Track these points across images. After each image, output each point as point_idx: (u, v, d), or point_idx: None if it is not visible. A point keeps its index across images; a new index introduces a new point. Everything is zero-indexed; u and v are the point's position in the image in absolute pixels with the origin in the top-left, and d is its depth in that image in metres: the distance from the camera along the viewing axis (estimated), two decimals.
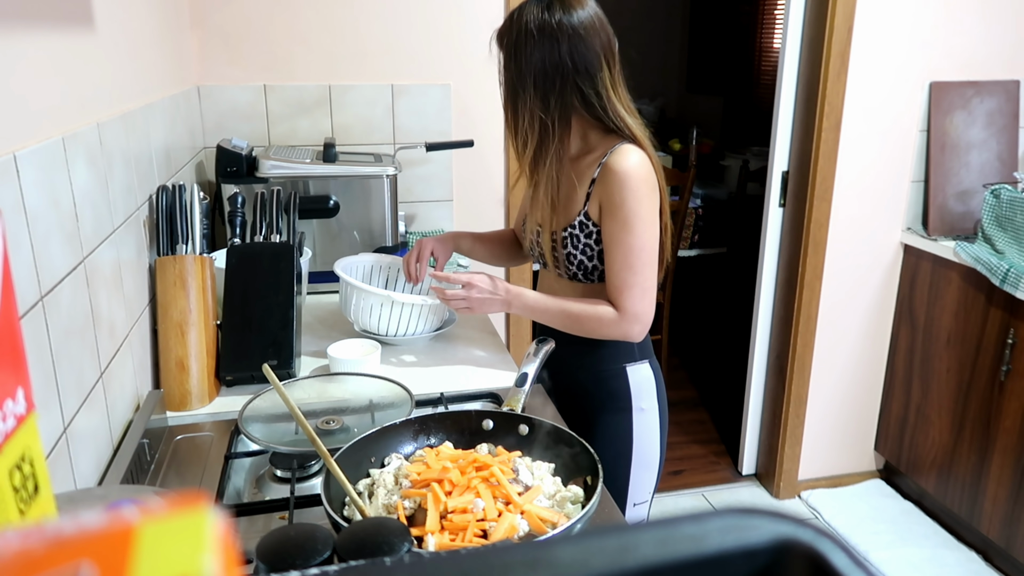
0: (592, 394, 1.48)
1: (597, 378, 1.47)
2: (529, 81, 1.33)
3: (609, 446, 1.45)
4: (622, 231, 1.34)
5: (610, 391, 1.46)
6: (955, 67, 2.51)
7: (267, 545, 0.77)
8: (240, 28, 2.08)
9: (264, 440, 1.15)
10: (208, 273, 1.45)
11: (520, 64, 1.33)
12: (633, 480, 1.48)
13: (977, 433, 2.41)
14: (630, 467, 1.47)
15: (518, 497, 0.91)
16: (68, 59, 1.09)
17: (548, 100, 1.33)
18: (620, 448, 1.46)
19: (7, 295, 0.36)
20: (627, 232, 1.34)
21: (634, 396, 1.46)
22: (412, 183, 2.27)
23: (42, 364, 0.91)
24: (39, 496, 0.39)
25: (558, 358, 1.46)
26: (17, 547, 0.21)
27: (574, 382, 1.49)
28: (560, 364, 1.49)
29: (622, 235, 1.34)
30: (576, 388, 1.49)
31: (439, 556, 0.26)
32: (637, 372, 1.47)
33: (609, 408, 1.47)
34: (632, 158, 1.34)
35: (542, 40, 1.31)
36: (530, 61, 1.32)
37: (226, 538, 0.22)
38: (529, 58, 1.32)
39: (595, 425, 1.47)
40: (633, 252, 1.34)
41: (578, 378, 1.48)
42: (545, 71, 1.32)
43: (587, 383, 1.48)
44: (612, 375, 1.46)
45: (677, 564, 0.26)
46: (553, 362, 1.48)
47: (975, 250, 2.33)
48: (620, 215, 1.33)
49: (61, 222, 0.99)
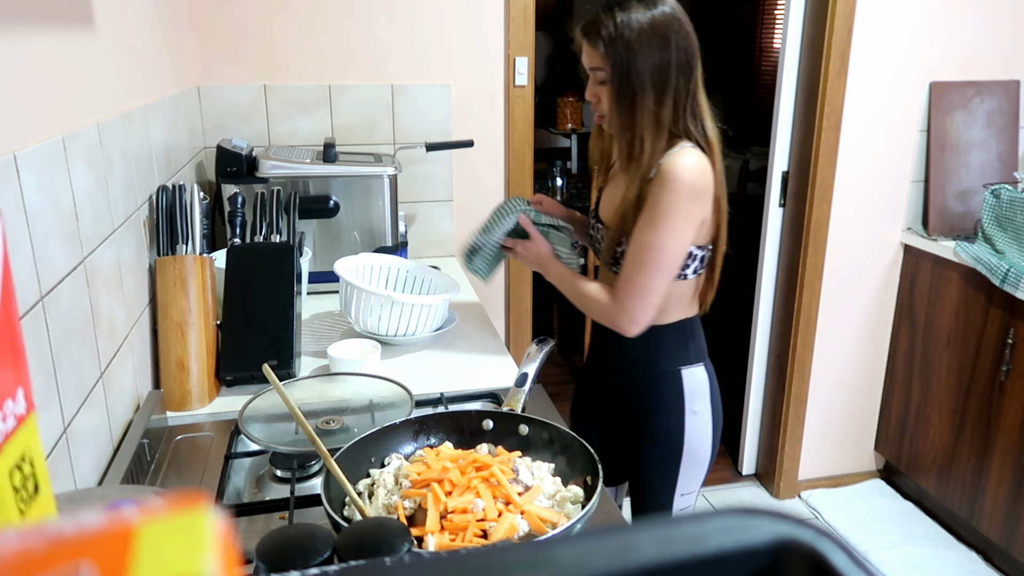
0: (646, 394, 1.48)
1: (651, 379, 1.47)
2: (647, 79, 1.30)
3: (660, 445, 1.48)
4: (646, 226, 1.33)
5: (663, 392, 1.47)
6: (955, 67, 2.51)
7: (267, 545, 0.77)
8: (240, 28, 2.08)
9: (264, 440, 1.15)
10: (208, 273, 1.45)
11: (636, 63, 1.30)
12: (682, 475, 1.49)
13: (977, 433, 2.41)
14: (680, 464, 1.48)
15: (518, 497, 0.91)
16: (68, 59, 1.09)
17: (663, 98, 1.32)
18: (671, 448, 1.48)
19: (7, 295, 0.36)
20: (651, 229, 1.33)
21: (687, 399, 1.46)
22: (412, 183, 2.27)
23: (42, 364, 0.91)
24: (39, 496, 0.39)
25: (614, 357, 1.51)
26: (17, 547, 0.21)
27: (628, 381, 1.50)
28: (616, 363, 1.51)
29: (645, 229, 1.34)
30: (630, 387, 1.50)
31: (439, 556, 0.26)
32: (692, 375, 1.47)
33: (662, 409, 1.47)
34: (686, 160, 1.32)
35: (655, 36, 1.30)
36: (648, 58, 1.30)
37: (226, 538, 0.22)
38: (647, 56, 1.30)
39: (647, 425, 1.48)
40: (648, 250, 1.33)
41: (633, 377, 1.49)
42: (661, 68, 1.30)
43: (641, 383, 1.48)
44: (666, 377, 1.46)
45: (677, 564, 0.26)
46: (609, 361, 1.53)
47: (975, 250, 2.33)
48: (651, 212, 1.33)
49: (61, 222, 0.99)
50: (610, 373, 1.54)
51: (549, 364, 1.16)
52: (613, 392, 1.54)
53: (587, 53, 1.36)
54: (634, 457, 1.53)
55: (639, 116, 1.33)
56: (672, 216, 1.32)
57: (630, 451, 1.53)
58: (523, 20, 2.23)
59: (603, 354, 1.56)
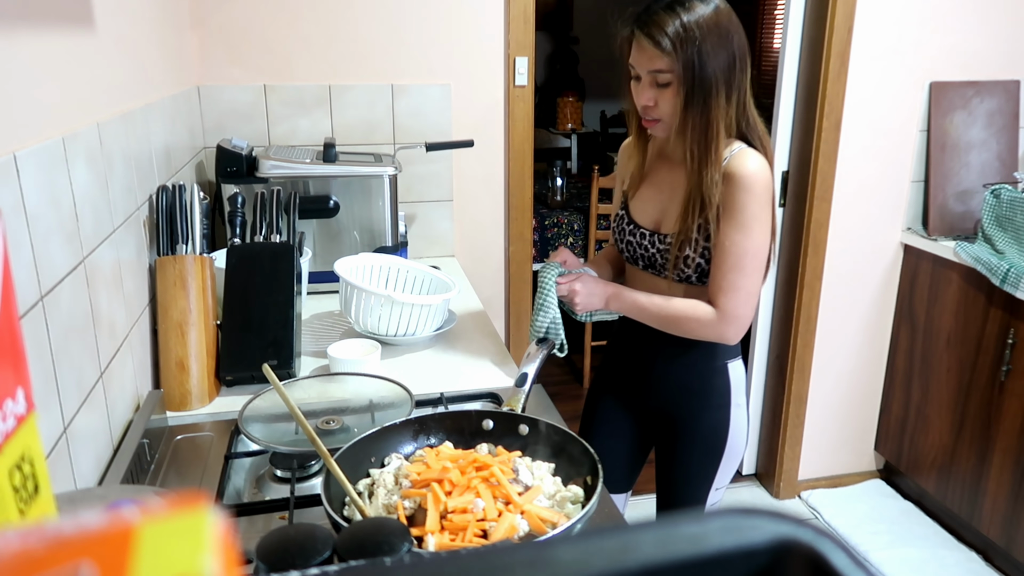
0: (694, 391, 1.48)
1: (699, 375, 1.47)
2: (721, 78, 1.28)
3: (703, 441, 1.49)
4: (738, 233, 1.33)
5: (712, 388, 1.47)
6: (955, 67, 2.51)
7: (267, 545, 0.77)
8: (240, 28, 2.08)
9: (264, 440, 1.15)
10: (208, 273, 1.45)
11: (709, 62, 1.27)
12: (721, 469, 1.50)
13: (977, 433, 2.41)
14: (721, 459, 1.49)
15: (518, 497, 0.91)
16: (68, 59, 1.09)
17: (731, 97, 1.31)
18: (714, 443, 1.48)
19: (7, 295, 0.36)
20: (743, 234, 1.32)
21: (733, 392, 1.48)
22: (412, 183, 2.27)
23: (42, 364, 0.91)
24: (39, 496, 0.39)
25: (649, 357, 1.50)
26: (17, 547, 0.21)
27: (675, 380, 1.49)
28: (651, 362, 1.50)
29: (737, 236, 1.33)
30: (677, 385, 1.49)
31: (439, 556, 0.26)
32: (736, 369, 1.48)
33: (709, 405, 1.47)
34: (754, 162, 1.32)
35: (721, 33, 1.28)
36: (717, 57, 1.27)
37: (226, 538, 0.22)
38: (717, 54, 1.27)
39: (693, 422, 1.48)
40: (747, 255, 1.33)
41: (679, 376, 1.48)
42: (730, 65, 1.29)
43: (689, 381, 1.48)
44: (713, 372, 1.47)
45: (677, 564, 0.26)
46: (643, 361, 1.51)
47: (975, 250, 2.33)
48: (739, 218, 1.32)
49: (61, 222, 0.99)
50: (644, 374, 1.52)
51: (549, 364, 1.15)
52: (649, 393, 1.53)
53: (647, 55, 1.29)
54: (672, 455, 1.53)
55: (714, 117, 1.30)
56: (760, 218, 1.33)
57: (668, 450, 1.53)
58: (523, 20, 2.23)
59: (634, 354, 1.54)
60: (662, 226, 1.44)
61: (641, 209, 1.48)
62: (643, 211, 1.48)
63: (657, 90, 1.32)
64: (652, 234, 1.44)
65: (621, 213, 1.53)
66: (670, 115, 1.33)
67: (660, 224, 1.44)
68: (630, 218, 1.49)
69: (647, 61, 1.30)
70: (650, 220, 1.46)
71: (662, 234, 1.42)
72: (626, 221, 1.50)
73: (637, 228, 1.47)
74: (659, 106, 1.33)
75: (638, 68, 1.32)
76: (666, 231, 1.42)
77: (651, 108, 1.34)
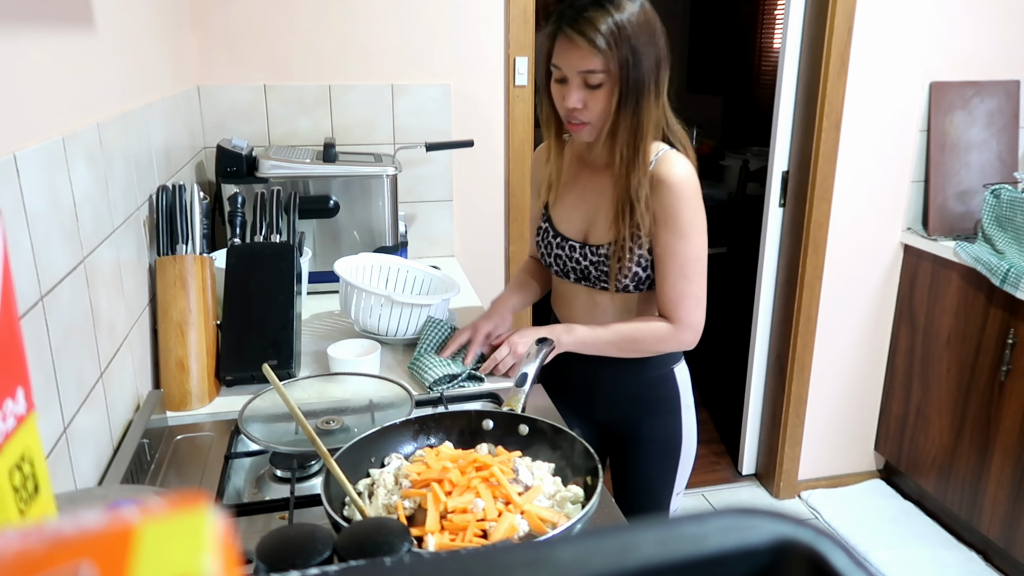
0: (643, 400, 1.46)
1: (647, 384, 1.45)
2: (651, 77, 1.25)
3: (659, 450, 1.47)
4: (678, 241, 1.30)
5: (661, 395, 1.45)
6: (955, 67, 2.51)
7: (267, 545, 0.77)
8: (240, 28, 2.08)
9: (264, 440, 1.15)
10: (208, 273, 1.45)
11: (641, 61, 1.23)
12: (679, 475, 1.50)
13: (977, 433, 2.41)
14: (678, 464, 1.48)
15: (518, 497, 0.91)
16: (68, 59, 1.09)
17: (660, 97, 1.28)
18: (670, 449, 1.47)
19: (7, 295, 0.36)
20: (683, 242, 1.30)
21: (682, 396, 1.46)
22: (412, 183, 2.27)
23: (42, 364, 0.91)
24: (39, 496, 0.39)
25: (602, 370, 1.45)
26: (17, 547, 0.21)
27: (623, 392, 1.47)
28: (605, 379, 1.46)
29: (678, 245, 1.30)
30: (625, 397, 1.47)
31: (439, 556, 0.26)
32: (682, 372, 1.47)
33: (659, 411, 1.46)
34: (682, 166, 1.30)
35: (650, 31, 1.24)
36: (648, 56, 1.24)
37: (226, 538, 0.22)
38: (647, 53, 1.23)
39: (647, 430, 1.46)
40: (689, 262, 1.31)
41: (627, 387, 1.46)
42: (658, 64, 1.26)
43: (637, 391, 1.46)
44: (661, 380, 1.45)
45: (677, 564, 0.26)
46: (596, 375, 1.47)
47: (975, 250, 2.33)
48: (676, 225, 1.29)
49: (61, 222, 0.99)
50: (589, 388, 1.49)
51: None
52: (596, 406, 1.51)
53: (578, 54, 1.23)
54: (628, 466, 1.51)
55: (644, 118, 1.27)
56: (696, 223, 1.31)
57: (622, 461, 1.52)
58: (523, 20, 2.23)
59: (576, 369, 1.48)
60: (590, 236, 1.39)
61: (565, 219, 1.43)
62: (567, 221, 1.42)
63: (587, 91, 1.25)
64: (582, 246, 1.39)
65: (544, 226, 1.46)
66: (600, 117, 1.28)
67: (587, 234, 1.40)
68: (555, 230, 1.44)
69: (578, 60, 1.23)
70: (576, 231, 1.41)
71: (592, 245, 1.38)
72: (551, 234, 1.44)
73: (564, 240, 1.42)
74: (588, 108, 1.26)
75: (565, 68, 1.25)
76: (595, 241, 1.38)
77: (579, 111, 1.27)
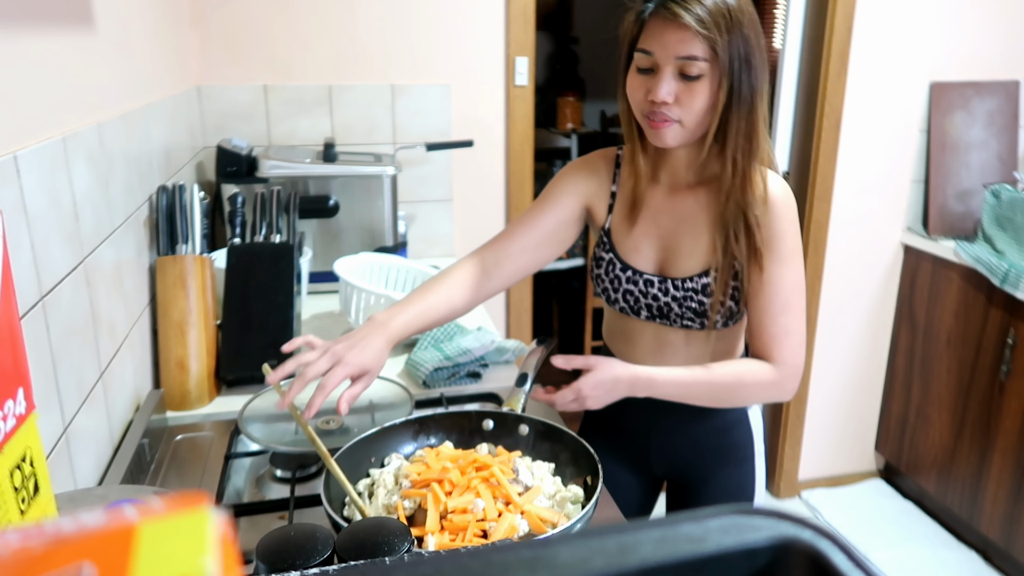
0: (713, 449, 1.27)
1: (717, 431, 1.26)
2: (765, 77, 1.07)
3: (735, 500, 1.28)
4: (783, 268, 1.12)
5: (734, 442, 1.27)
6: (955, 67, 2.51)
7: (267, 545, 0.77)
8: (240, 28, 2.08)
9: (264, 440, 1.15)
10: (208, 273, 1.45)
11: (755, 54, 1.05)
12: None
13: (977, 433, 2.41)
14: None
15: (518, 497, 0.91)
16: (68, 59, 1.09)
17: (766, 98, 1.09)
18: (745, 499, 1.30)
19: (7, 295, 0.36)
20: (788, 269, 1.12)
21: (755, 441, 1.29)
22: (412, 183, 2.27)
23: (42, 364, 0.91)
24: (39, 496, 0.39)
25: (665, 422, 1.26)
26: (17, 547, 0.21)
27: (688, 441, 1.27)
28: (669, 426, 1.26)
29: (784, 273, 1.12)
30: (690, 447, 1.27)
31: (439, 556, 0.26)
32: (756, 415, 1.29)
33: (732, 460, 1.27)
34: (779, 183, 1.12)
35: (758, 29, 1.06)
36: (759, 52, 1.05)
37: (226, 538, 0.22)
38: (757, 43, 1.05)
39: (717, 482, 1.28)
40: (795, 292, 1.13)
41: (693, 436, 1.26)
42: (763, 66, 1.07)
43: (706, 440, 1.26)
44: (734, 424, 1.26)
45: (677, 564, 0.26)
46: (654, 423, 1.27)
47: (975, 250, 2.33)
48: (781, 250, 1.12)
49: (61, 222, 0.99)
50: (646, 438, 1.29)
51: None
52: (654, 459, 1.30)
53: (678, 37, 1.02)
54: None
55: (758, 119, 1.07)
56: (799, 248, 1.14)
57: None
58: (523, 20, 2.23)
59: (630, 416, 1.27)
60: (669, 268, 1.17)
61: (634, 250, 1.19)
62: (637, 252, 1.19)
63: (683, 83, 1.04)
64: (662, 280, 1.16)
65: (607, 257, 1.21)
66: (696, 117, 1.06)
67: (665, 266, 1.18)
68: (623, 262, 1.20)
69: (677, 44, 1.02)
70: (651, 263, 1.19)
71: (677, 279, 1.15)
72: (618, 267, 1.20)
73: (638, 275, 1.18)
74: (682, 104, 1.05)
75: (659, 54, 1.04)
76: (679, 274, 1.16)
77: (669, 106, 1.05)
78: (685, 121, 1.06)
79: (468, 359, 1.46)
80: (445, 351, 1.47)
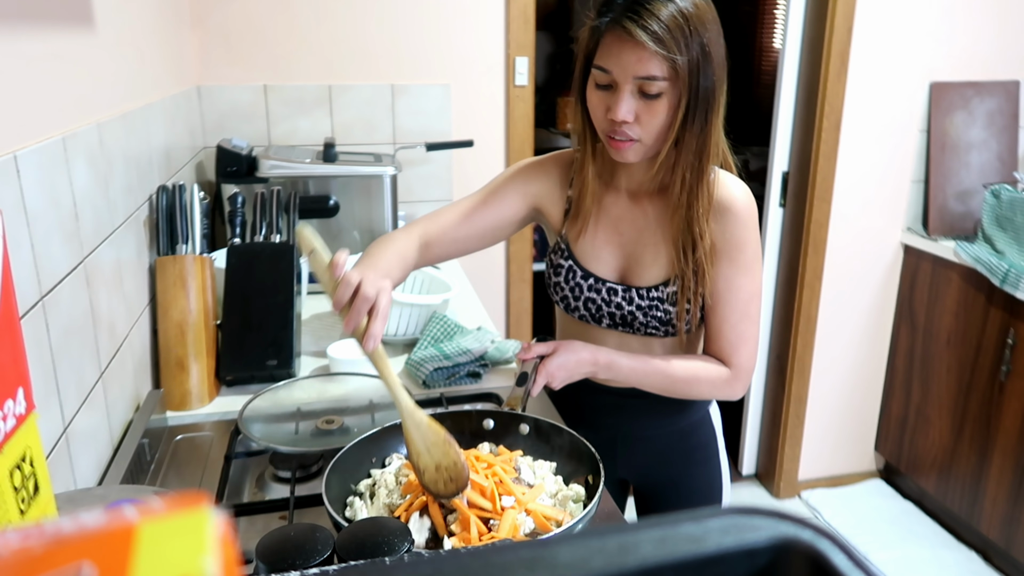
0: (678, 451, 1.29)
1: (682, 433, 1.28)
2: (721, 85, 1.05)
3: (703, 498, 1.31)
4: (742, 276, 1.12)
5: (698, 443, 1.29)
6: (955, 67, 2.51)
7: (267, 545, 0.77)
8: (240, 28, 2.08)
9: (264, 440, 1.15)
10: (208, 273, 1.45)
11: (712, 67, 1.02)
12: None
13: (977, 433, 2.41)
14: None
15: (522, 495, 0.91)
16: (68, 59, 1.09)
17: (722, 108, 1.07)
18: (713, 494, 1.32)
19: (7, 295, 0.36)
20: (748, 277, 1.13)
21: (718, 438, 1.31)
22: (412, 183, 2.27)
23: (42, 364, 0.91)
24: (39, 496, 0.39)
25: (629, 428, 1.27)
26: (17, 547, 0.21)
27: (653, 446, 1.29)
28: (633, 432, 1.28)
29: (743, 281, 1.12)
30: (656, 451, 1.29)
31: (439, 556, 0.26)
32: (715, 412, 1.32)
33: (697, 460, 1.30)
34: (739, 188, 1.12)
35: (717, 26, 1.03)
36: (717, 57, 1.03)
37: (226, 538, 0.22)
38: (716, 53, 1.03)
39: (685, 481, 1.30)
40: (753, 299, 1.14)
41: (659, 440, 1.28)
42: (723, 67, 1.05)
43: (671, 440, 1.28)
44: (698, 425, 1.28)
45: (677, 564, 0.26)
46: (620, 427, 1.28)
47: (975, 250, 2.33)
48: (741, 258, 1.12)
49: (61, 222, 0.99)
50: (611, 442, 1.27)
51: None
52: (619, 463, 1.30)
53: (637, 56, 0.99)
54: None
55: (713, 135, 1.06)
56: (759, 255, 1.14)
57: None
58: (523, 20, 2.23)
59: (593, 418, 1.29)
60: (632, 277, 1.17)
61: (595, 257, 1.18)
62: (598, 259, 1.18)
63: (642, 102, 1.02)
64: (625, 289, 1.16)
65: (566, 264, 1.19)
66: (655, 135, 1.04)
67: (627, 274, 1.18)
68: (584, 270, 1.18)
69: (634, 64, 0.99)
70: (612, 271, 1.18)
71: (640, 288, 1.15)
72: (579, 274, 1.19)
73: (601, 283, 1.17)
74: (642, 123, 1.03)
75: (616, 73, 1.01)
76: (642, 283, 1.16)
77: (630, 124, 1.03)
78: (645, 139, 1.05)
79: (468, 359, 1.46)
80: (445, 351, 1.47)
